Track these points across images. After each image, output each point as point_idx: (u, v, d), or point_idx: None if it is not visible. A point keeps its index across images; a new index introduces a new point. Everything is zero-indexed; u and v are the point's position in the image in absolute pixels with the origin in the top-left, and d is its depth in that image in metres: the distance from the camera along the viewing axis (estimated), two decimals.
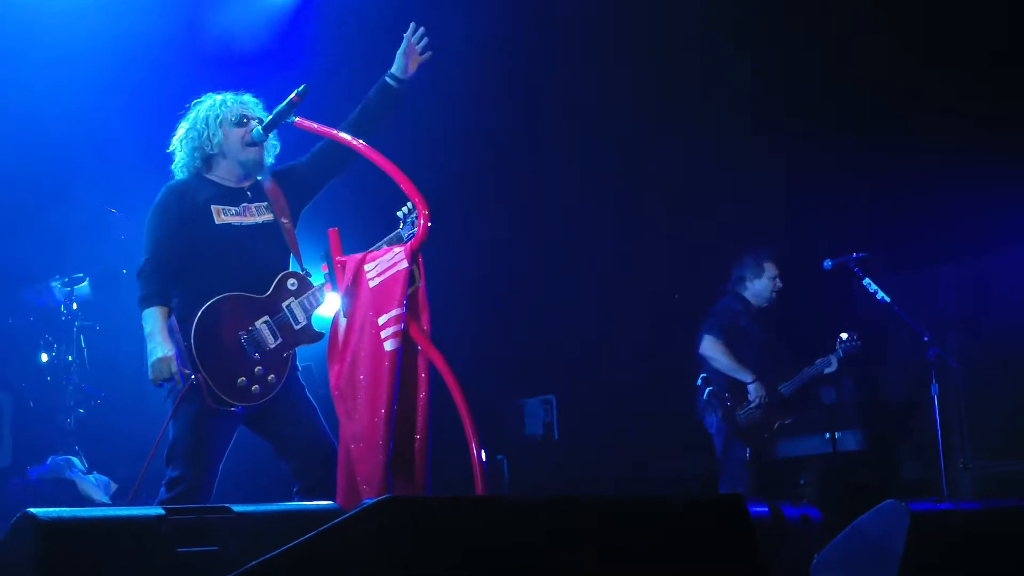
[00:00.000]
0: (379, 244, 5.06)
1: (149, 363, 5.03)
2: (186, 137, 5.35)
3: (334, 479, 4.84)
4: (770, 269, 8.26)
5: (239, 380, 5.01)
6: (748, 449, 7.90)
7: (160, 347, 5.02)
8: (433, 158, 8.23)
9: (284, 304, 5.19)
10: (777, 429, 8.07)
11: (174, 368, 4.98)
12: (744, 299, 8.29)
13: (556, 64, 9.36)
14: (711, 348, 8.08)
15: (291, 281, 5.25)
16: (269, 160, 5.43)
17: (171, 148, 5.41)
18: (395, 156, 4.98)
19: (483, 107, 9.18)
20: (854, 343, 8.17)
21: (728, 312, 8.21)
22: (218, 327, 5.05)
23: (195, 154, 5.33)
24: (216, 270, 5.15)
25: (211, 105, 5.35)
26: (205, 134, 5.29)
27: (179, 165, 5.38)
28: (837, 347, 8.16)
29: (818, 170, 9.27)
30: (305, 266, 5.35)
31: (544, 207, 9.82)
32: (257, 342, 5.09)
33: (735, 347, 8.09)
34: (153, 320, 5.08)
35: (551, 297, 10.00)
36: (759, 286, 8.26)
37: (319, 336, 5.21)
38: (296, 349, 5.23)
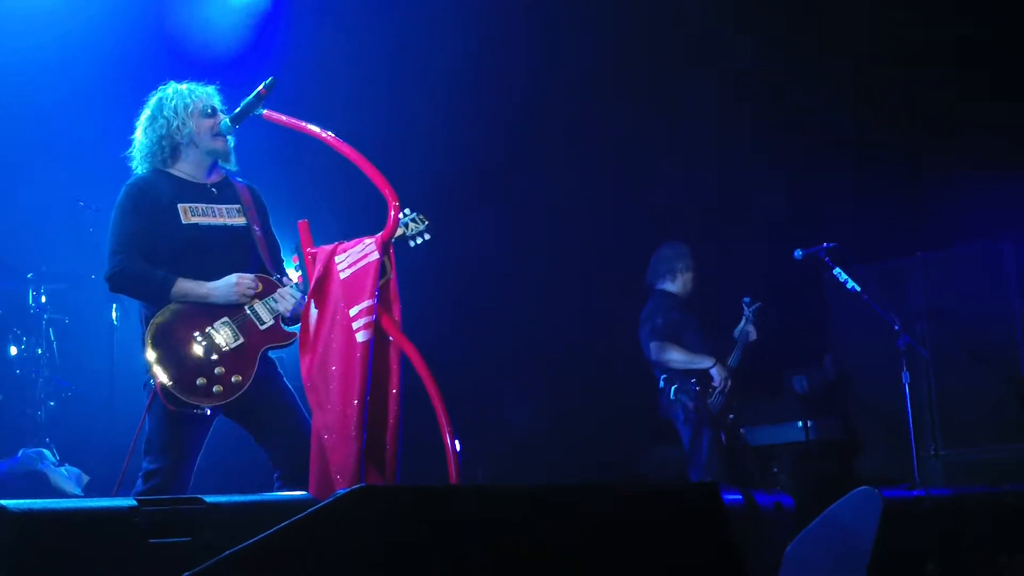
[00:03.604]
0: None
1: (227, 299, 5.03)
2: (151, 126, 5.23)
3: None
4: (692, 261, 8.34)
5: (198, 381, 4.92)
6: (723, 434, 7.93)
7: (221, 282, 5.02)
8: (414, 151, 8.24)
9: (246, 305, 5.11)
10: (737, 409, 8.11)
11: (245, 279, 5.02)
12: (671, 292, 8.31)
13: (542, 58, 9.38)
14: (662, 352, 8.09)
15: None
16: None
17: (134, 136, 5.29)
18: (376, 151, 4.98)
19: (466, 101, 9.20)
20: (756, 304, 8.34)
21: (658, 310, 8.21)
22: (175, 330, 4.97)
23: (163, 143, 5.20)
24: (180, 270, 5.05)
25: (178, 93, 5.24)
26: (175, 123, 5.18)
27: (142, 155, 5.25)
28: (745, 310, 8.32)
29: (790, 160, 9.31)
30: (276, 261, 5.31)
31: (526, 200, 9.82)
32: (215, 343, 5.00)
33: (680, 339, 8.12)
34: (186, 285, 5.02)
35: (529, 289, 10.00)
36: (688, 277, 8.32)
37: (290, 336, 5.14)
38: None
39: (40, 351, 8.30)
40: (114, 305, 8.35)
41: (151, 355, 4.91)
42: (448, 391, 4.64)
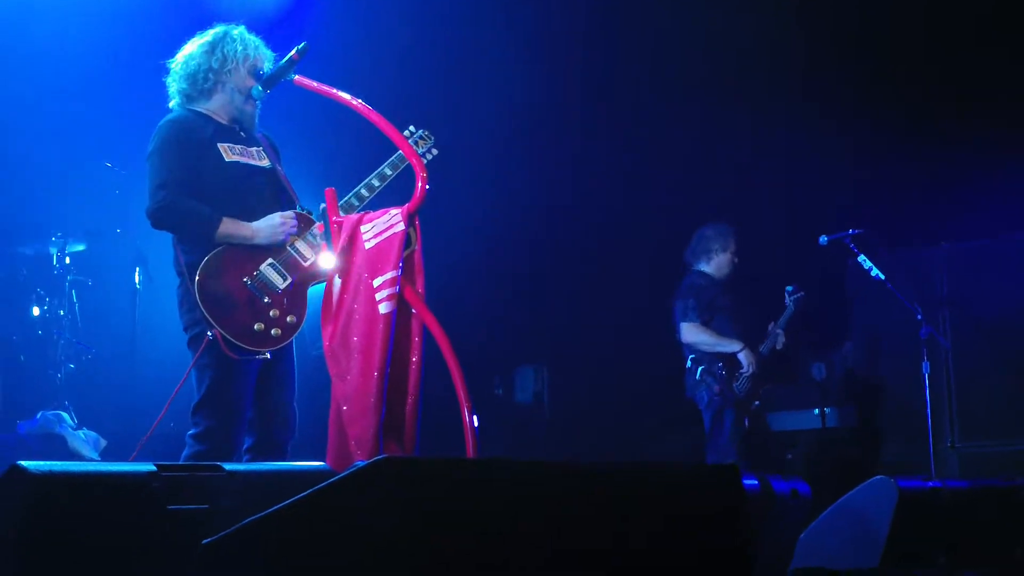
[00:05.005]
0: (368, 179, 5.07)
1: (272, 239, 5.02)
2: (207, 52, 5.13)
3: (283, 449, 4.99)
4: (732, 244, 8.26)
5: (256, 327, 4.93)
6: (747, 419, 7.92)
7: (263, 223, 5.02)
8: (437, 123, 8.23)
9: (288, 244, 5.10)
10: (763, 396, 8.09)
11: (287, 217, 5.03)
12: (706, 273, 8.26)
13: (569, 36, 9.36)
14: (691, 333, 8.05)
15: None
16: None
17: (182, 51, 5.20)
18: (405, 121, 4.97)
19: (491, 73, 9.17)
20: (800, 292, 8.26)
21: (694, 289, 8.16)
22: (222, 278, 4.94)
23: (208, 75, 5.13)
24: (222, 209, 5.01)
25: (243, 39, 5.17)
26: (229, 65, 5.12)
27: (181, 74, 5.16)
28: (787, 300, 8.24)
29: (816, 145, 9.27)
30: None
31: (543, 177, 9.80)
32: (265, 285, 4.99)
33: (712, 322, 8.09)
34: (231, 225, 4.98)
35: (547, 267, 9.99)
36: (724, 259, 8.24)
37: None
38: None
39: (62, 312, 8.31)
40: (137, 268, 8.38)
41: (204, 306, 4.87)
42: (469, 367, 4.63)
